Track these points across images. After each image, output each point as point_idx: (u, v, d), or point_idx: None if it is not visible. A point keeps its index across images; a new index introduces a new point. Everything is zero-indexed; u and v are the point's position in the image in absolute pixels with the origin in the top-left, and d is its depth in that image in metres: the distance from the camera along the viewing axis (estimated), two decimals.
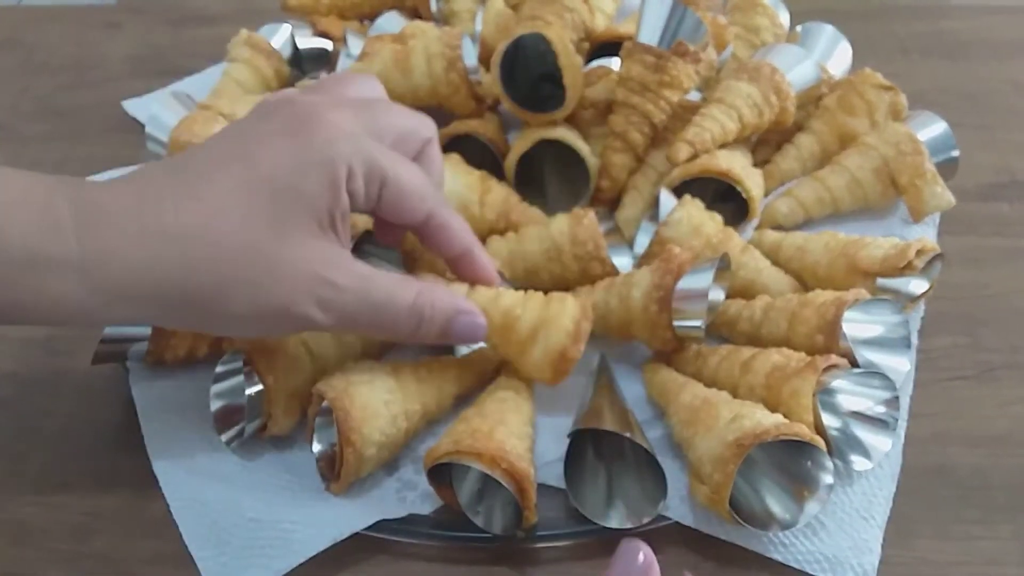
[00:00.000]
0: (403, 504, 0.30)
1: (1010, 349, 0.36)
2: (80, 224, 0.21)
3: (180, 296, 0.22)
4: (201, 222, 0.22)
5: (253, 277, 0.22)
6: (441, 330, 0.26)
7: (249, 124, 0.24)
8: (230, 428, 0.31)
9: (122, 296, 0.22)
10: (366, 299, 0.24)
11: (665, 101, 0.39)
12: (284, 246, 0.22)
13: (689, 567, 0.28)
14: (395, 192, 0.24)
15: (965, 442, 0.32)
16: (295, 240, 0.23)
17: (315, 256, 0.23)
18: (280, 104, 0.24)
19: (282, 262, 0.22)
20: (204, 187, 0.22)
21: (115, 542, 0.29)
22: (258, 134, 0.23)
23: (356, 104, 0.25)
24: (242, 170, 0.23)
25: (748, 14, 0.47)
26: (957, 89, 0.49)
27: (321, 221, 0.23)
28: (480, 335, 0.27)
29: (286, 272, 0.23)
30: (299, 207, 0.23)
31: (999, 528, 0.30)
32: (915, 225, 0.40)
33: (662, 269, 0.31)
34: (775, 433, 0.27)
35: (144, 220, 0.22)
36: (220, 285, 0.22)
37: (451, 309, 0.26)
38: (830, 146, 0.42)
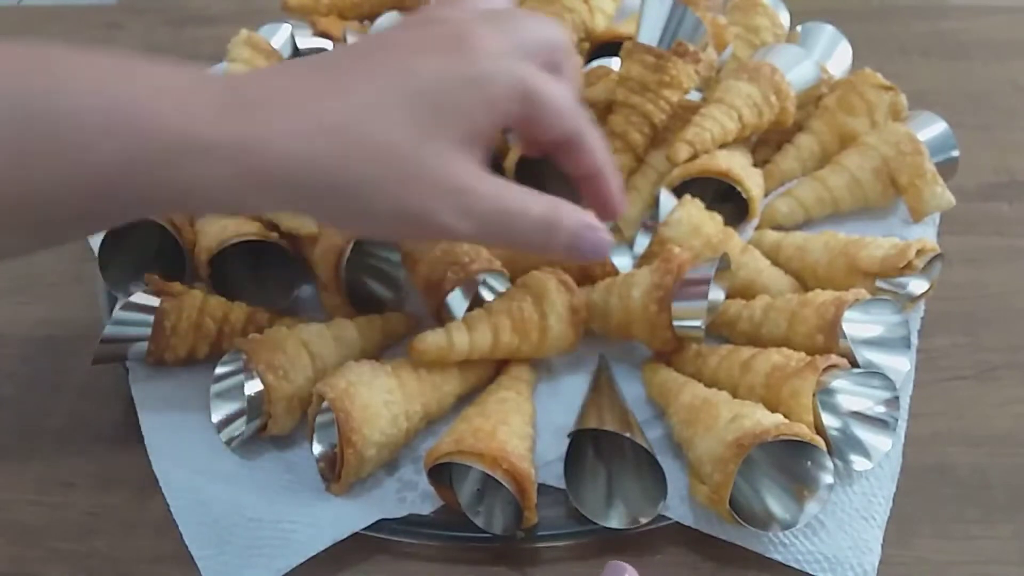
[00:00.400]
0: (403, 504, 0.30)
1: (1010, 349, 0.36)
2: (231, 110, 0.21)
3: (327, 188, 0.22)
4: (356, 117, 0.22)
5: (400, 178, 0.22)
6: (569, 242, 0.26)
7: (397, 36, 0.24)
8: (230, 428, 0.31)
9: (270, 184, 0.22)
10: (502, 206, 0.24)
11: (665, 101, 0.39)
12: (433, 154, 0.23)
13: (689, 567, 0.28)
14: (541, 111, 0.24)
15: (965, 442, 0.32)
16: (444, 150, 0.23)
17: (459, 168, 0.23)
18: (427, 21, 0.24)
19: (429, 169, 0.23)
20: (360, 85, 0.22)
21: (115, 541, 0.29)
22: (410, 46, 0.24)
23: (498, 18, 0.25)
24: (397, 76, 0.23)
25: (748, 14, 0.47)
26: (957, 89, 0.49)
27: (471, 137, 0.23)
28: (606, 251, 0.27)
29: (431, 179, 0.23)
30: (452, 120, 0.23)
31: (999, 528, 0.30)
32: (915, 225, 0.40)
33: (662, 269, 0.31)
34: (775, 433, 0.27)
35: (298, 110, 0.22)
36: (368, 182, 0.22)
37: (580, 223, 0.26)
38: (830, 146, 0.42)
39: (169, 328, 0.32)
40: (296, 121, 0.21)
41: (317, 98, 0.22)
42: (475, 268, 0.34)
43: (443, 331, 0.31)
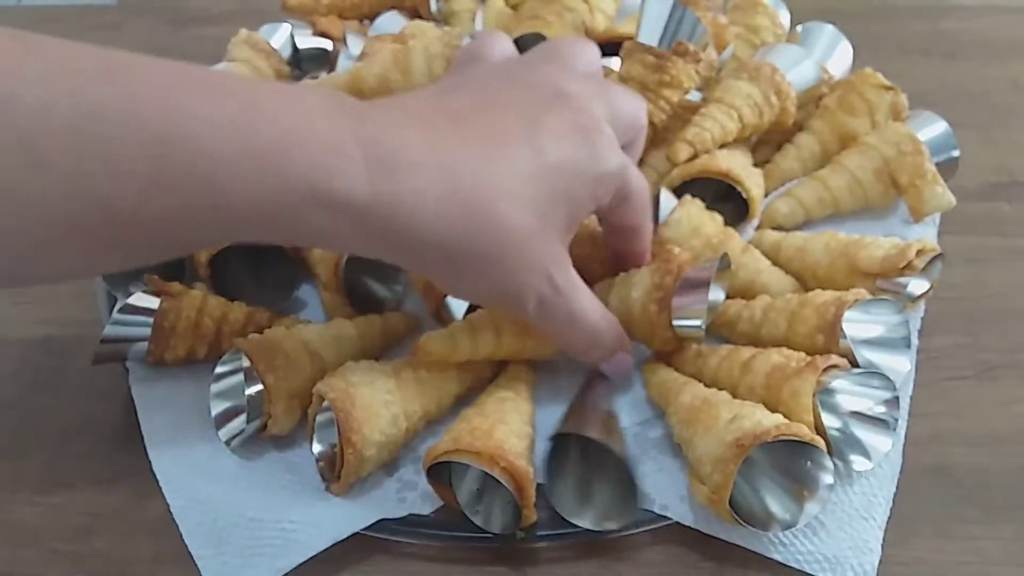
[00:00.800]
0: (403, 504, 0.30)
1: (1010, 349, 0.36)
2: (372, 166, 0.21)
3: (441, 254, 0.23)
4: (487, 192, 0.22)
5: (510, 263, 0.23)
6: (601, 360, 0.29)
7: (519, 95, 0.25)
8: (230, 427, 0.31)
9: (388, 240, 0.22)
10: (568, 307, 0.26)
11: (665, 101, 0.39)
12: (544, 242, 0.24)
13: (689, 567, 0.28)
14: (628, 205, 0.26)
15: (965, 442, 0.32)
16: (552, 239, 0.24)
17: (554, 254, 0.24)
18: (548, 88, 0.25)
19: (537, 256, 0.24)
20: (495, 152, 0.23)
21: (115, 542, 0.29)
22: (542, 118, 0.24)
23: (598, 87, 0.26)
24: (531, 155, 0.23)
25: (748, 14, 0.47)
26: (957, 89, 0.49)
27: (572, 225, 0.25)
28: (627, 374, 0.30)
29: (533, 265, 0.24)
30: (566, 210, 0.24)
31: (1000, 528, 0.30)
32: (915, 225, 0.40)
33: (662, 270, 0.30)
34: (775, 433, 0.27)
35: (434, 171, 0.22)
36: (480, 258, 0.23)
37: (617, 345, 0.28)
38: (830, 146, 0.42)
39: (168, 328, 0.32)
40: (430, 182, 0.22)
41: (452, 160, 0.22)
42: None
43: (447, 332, 0.31)
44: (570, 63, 0.26)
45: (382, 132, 0.22)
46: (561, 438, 0.29)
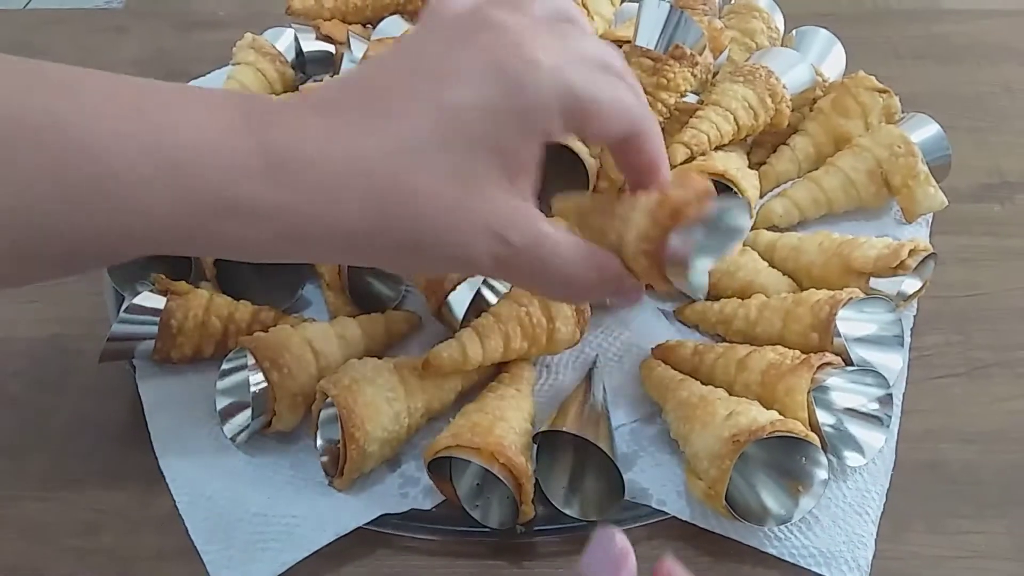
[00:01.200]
0: (405, 499, 0.30)
1: (1001, 347, 0.36)
2: (272, 170, 0.20)
3: (367, 243, 0.21)
4: (400, 175, 0.20)
5: (445, 236, 0.21)
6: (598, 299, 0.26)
7: (439, 44, 0.22)
8: (235, 424, 0.31)
9: (309, 242, 0.21)
10: (533, 262, 0.22)
11: (662, 104, 0.40)
12: (472, 200, 0.21)
13: (686, 561, 0.29)
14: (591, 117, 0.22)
15: (957, 438, 0.33)
16: (487, 195, 0.21)
17: (498, 210, 0.21)
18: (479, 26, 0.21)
19: (471, 221, 0.21)
20: (396, 124, 0.20)
21: (122, 537, 0.30)
22: (451, 62, 0.21)
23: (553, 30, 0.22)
24: (435, 111, 0.20)
25: (744, 18, 0.47)
26: (950, 92, 0.50)
27: (512, 175, 0.21)
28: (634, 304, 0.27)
29: (475, 231, 0.21)
30: (496, 159, 0.21)
31: (991, 523, 0.30)
32: (908, 225, 0.40)
33: (653, 215, 0.23)
34: (770, 429, 0.27)
35: (338, 167, 0.20)
36: (413, 244, 0.21)
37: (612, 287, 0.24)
38: (824, 148, 0.42)
39: (175, 327, 0.33)
40: (334, 178, 0.20)
41: (354, 147, 0.20)
42: None
43: (456, 343, 0.31)
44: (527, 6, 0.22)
45: (284, 133, 0.20)
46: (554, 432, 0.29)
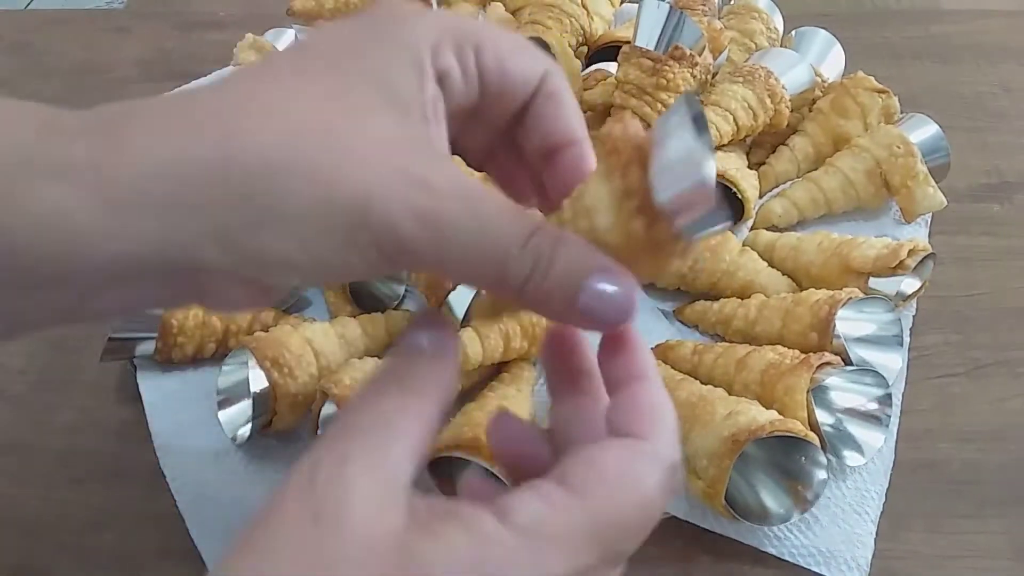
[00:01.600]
0: None
1: (1000, 347, 0.36)
2: (90, 125, 0.15)
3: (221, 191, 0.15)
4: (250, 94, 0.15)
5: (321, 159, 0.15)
6: (563, 299, 0.16)
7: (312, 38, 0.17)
8: (236, 424, 0.31)
9: (142, 202, 0.15)
10: (471, 211, 0.15)
11: (662, 104, 0.40)
12: (366, 127, 0.16)
13: (685, 560, 0.29)
14: (494, 57, 0.17)
15: (956, 438, 0.33)
16: (379, 123, 0.16)
17: (404, 143, 0.16)
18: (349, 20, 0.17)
19: (362, 144, 0.15)
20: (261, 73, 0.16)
21: (123, 536, 0.30)
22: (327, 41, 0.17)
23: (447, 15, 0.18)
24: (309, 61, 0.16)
25: (743, 19, 0.47)
26: (948, 92, 0.50)
27: (409, 109, 0.16)
28: (623, 319, 0.16)
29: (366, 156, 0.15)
30: (384, 94, 0.16)
31: (990, 522, 0.30)
32: (907, 225, 0.40)
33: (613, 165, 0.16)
34: (770, 429, 0.27)
35: (176, 107, 0.15)
36: (276, 170, 0.15)
37: (584, 264, 0.16)
38: (824, 148, 0.42)
39: (176, 327, 0.33)
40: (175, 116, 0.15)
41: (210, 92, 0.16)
42: None
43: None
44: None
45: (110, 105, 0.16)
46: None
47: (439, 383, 0.16)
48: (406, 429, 0.15)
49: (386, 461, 0.14)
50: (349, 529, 0.13)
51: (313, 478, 0.14)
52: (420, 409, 0.16)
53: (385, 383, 0.16)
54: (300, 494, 0.14)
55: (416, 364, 0.16)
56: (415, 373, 0.16)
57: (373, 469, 0.14)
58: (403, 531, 0.14)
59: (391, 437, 0.15)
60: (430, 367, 0.16)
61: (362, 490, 0.14)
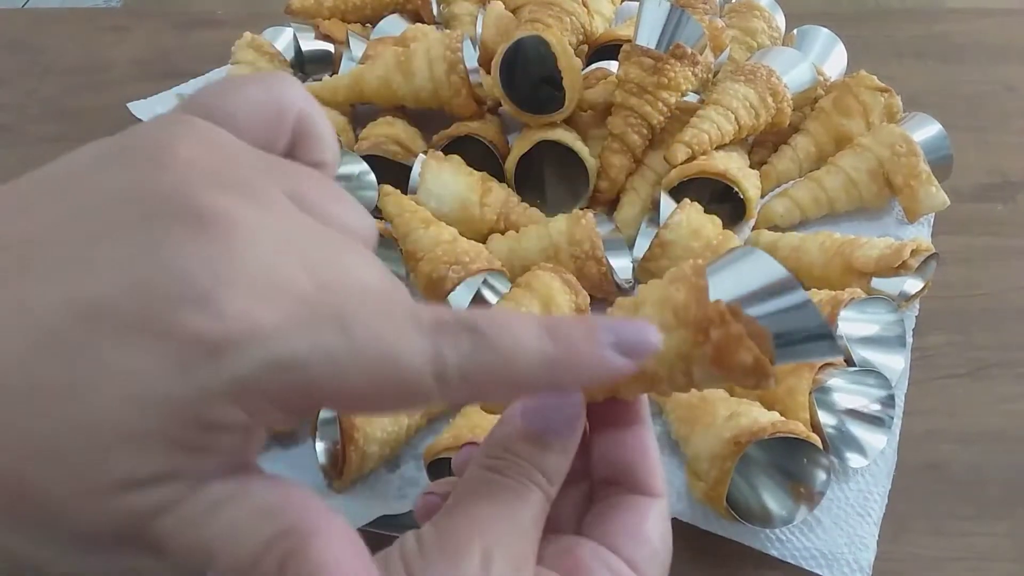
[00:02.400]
0: (405, 500, 0.30)
1: (1003, 347, 0.36)
2: None
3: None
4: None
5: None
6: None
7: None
8: None
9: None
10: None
11: (663, 103, 0.40)
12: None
13: (687, 562, 0.29)
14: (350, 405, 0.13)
15: (959, 439, 0.33)
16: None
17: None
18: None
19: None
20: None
21: None
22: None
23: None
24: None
25: (745, 17, 0.47)
26: (951, 91, 0.50)
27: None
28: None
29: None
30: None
31: (993, 524, 0.30)
32: (910, 225, 0.40)
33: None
34: (771, 431, 0.27)
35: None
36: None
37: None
38: (826, 147, 0.42)
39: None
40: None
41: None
42: (476, 267, 0.34)
43: None
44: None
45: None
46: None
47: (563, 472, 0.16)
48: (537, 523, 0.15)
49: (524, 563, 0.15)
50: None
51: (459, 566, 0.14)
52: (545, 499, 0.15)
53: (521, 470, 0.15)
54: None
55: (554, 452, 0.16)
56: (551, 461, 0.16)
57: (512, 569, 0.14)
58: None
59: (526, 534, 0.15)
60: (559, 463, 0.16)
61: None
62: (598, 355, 0.14)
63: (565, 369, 0.13)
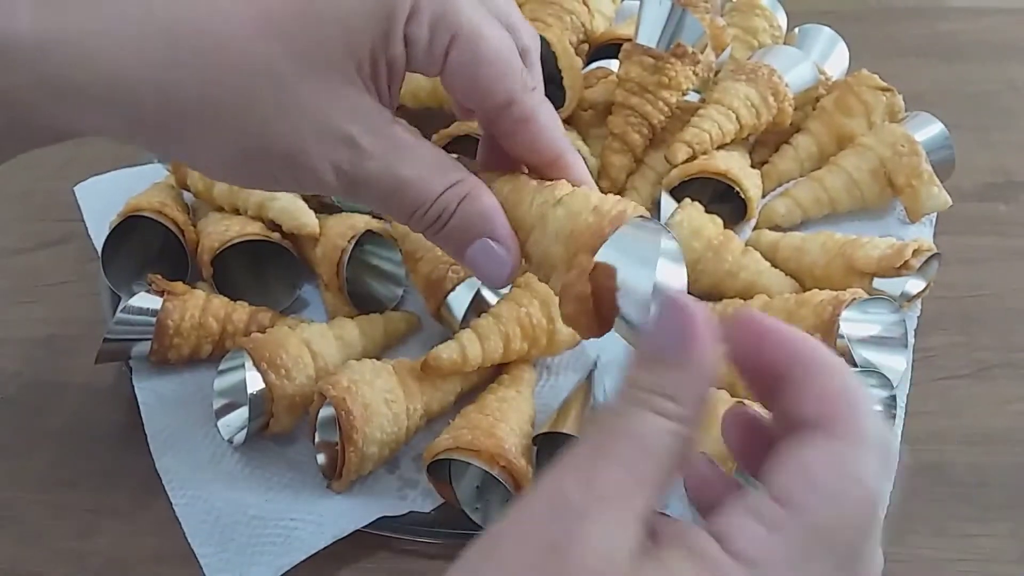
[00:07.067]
0: (404, 502, 0.30)
1: (1006, 348, 0.36)
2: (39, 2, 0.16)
3: (153, 106, 0.17)
4: (200, 17, 0.16)
5: (253, 106, 0.17)
6: (456, 247, 0.19)
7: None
8: (232, 426, 0.31)
9: (80, 92, 0.16)
10: (390, 172, 0.18)
11: (663, 102, 0.39)
12: (304, 81, 0.17)
13: None
14: (469, 54, 0.18)
15: (962, 440, 0.32)
16: (321, 78, 0.17)
17: (342, 104, 0.17)
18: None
19: (297, 100, 0.17)
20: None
21: (119, 540, 0.30)
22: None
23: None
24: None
25: (746, 16, 0.47)
26: (954, 90, 0.50)
27: (361, 63, 0.17)
28: (499, 278, 0.19)
29: (299, 113, 0.17)
30: (335, 38, 0.17)
31: (996, 526, 0.30)
32: (912, 225, 0.40)
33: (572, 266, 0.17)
34: None
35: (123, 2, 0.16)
36: (208, 105, 0.17)
37: (478, 227, 0.18)
38: (827, 147, 0.42)
39: (172, 328, 0.33)
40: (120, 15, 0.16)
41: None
42: None
43: (456, 345, 0.31)
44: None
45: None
46: (555, 435, 0.29)
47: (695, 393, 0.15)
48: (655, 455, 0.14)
49: (635, 498, 0.14)
50: (580, 564, 0.13)
51: (563, 504, 0.14)
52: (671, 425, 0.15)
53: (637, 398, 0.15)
54: (543, 520, 0.14)
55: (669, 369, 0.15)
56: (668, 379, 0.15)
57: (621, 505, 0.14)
58: (630, 563, 0.13)
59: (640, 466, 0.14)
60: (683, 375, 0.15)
61: (606, 527, 0.14)
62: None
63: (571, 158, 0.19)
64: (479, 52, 0.18)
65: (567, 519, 0.14)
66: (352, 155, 0.18)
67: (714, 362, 0.15)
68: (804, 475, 0.14)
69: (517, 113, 0.19)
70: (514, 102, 0.19)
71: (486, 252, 0.18)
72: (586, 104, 0.42)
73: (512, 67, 0.19)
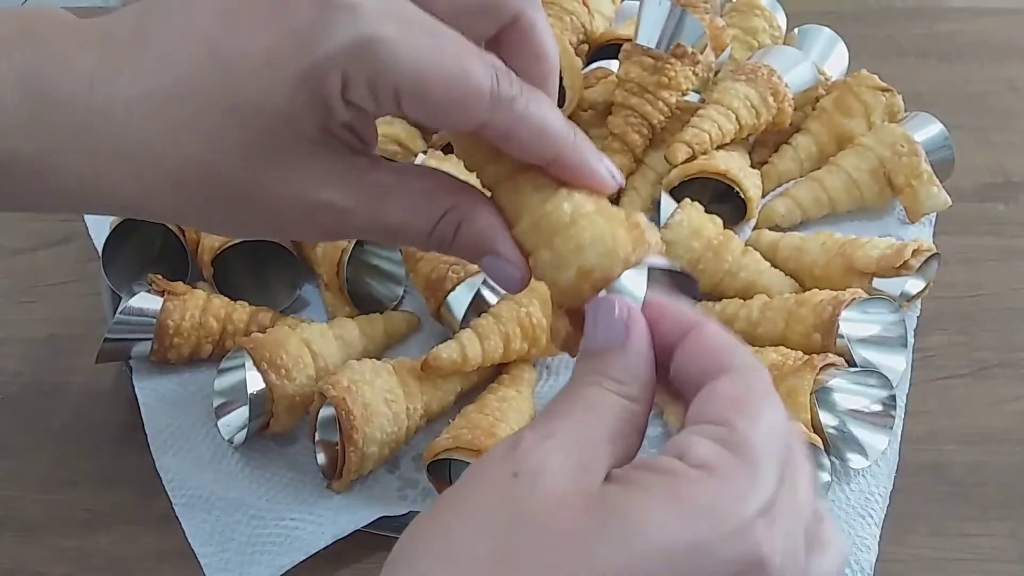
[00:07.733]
0: (404, 501, 0.30)
1: (1005, 348, 0.36)
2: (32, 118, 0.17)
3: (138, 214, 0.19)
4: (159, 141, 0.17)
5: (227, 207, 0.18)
6: (468, 260, 0.20)
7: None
8: (233, 426, 0.31)
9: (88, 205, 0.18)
10: (376, 223, 0.19)
11: (663, 102, 0.39)
12: (262, 170, 0.17)
13: None
14: (418, 102, 0.17)
15: (961, 440, 0.33)
16: (280, 162, 0.17)
17: (311, 173, 0.18)
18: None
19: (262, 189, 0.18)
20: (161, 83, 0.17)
21: (118, 539, 0.30)
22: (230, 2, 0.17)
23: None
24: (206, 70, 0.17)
25: (746, 16, 0.47)
26: (953, 91, 0.50)
27: (315, 137, 0.17)
28: (512, 287, 0.19)
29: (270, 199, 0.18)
30: (279, 130, 0.17)
31: (995, 525, 0.30)
32: (911, 225, 0.40)
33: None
34: None
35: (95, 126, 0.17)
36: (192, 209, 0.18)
37: (479, 247, 0.19)
38: (827, 147, 0.42)
39: (172, 328, 0.33)
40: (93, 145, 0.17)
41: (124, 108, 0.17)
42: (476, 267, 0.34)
43: (456, 344, 0.31)
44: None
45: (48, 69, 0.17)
46: None
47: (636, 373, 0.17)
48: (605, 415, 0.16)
49: (587, 442, 0.16)
50: (545, 486, 0.15)
51: (516, 444, 0.15)
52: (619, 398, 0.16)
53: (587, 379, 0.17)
54: (502, 457, 0.15)
55: (611, 355, 0.17)
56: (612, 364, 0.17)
57: (573, 444, 0.15)
58: (598, 490, 0.15)
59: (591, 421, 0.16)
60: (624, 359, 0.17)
61: (561, 457, 0.15)
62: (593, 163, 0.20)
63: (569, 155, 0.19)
64: (428, 98, 0.17)
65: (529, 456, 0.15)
66: (335, 217, 0.18)
67: (648, 346, 0.17)
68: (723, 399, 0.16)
69: (494, 133, 0.18)
70: (486, 124, 0.18)
71: (494, 266, 0.19)
72: (586, 104, 0.42)
73: (470, 93, 0.17)
